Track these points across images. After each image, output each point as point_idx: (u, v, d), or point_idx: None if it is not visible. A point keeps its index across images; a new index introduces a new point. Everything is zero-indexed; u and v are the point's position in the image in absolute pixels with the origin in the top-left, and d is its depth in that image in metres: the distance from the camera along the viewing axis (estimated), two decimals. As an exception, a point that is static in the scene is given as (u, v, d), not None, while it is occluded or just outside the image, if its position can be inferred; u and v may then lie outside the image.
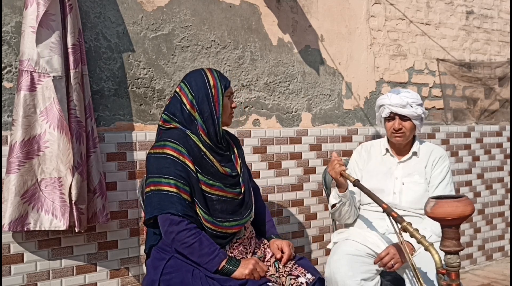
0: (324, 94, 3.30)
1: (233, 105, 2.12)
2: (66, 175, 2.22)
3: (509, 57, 4.34)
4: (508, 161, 4.33)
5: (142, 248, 2.60)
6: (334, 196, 2.45)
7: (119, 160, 2.55)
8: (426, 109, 3.81)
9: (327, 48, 3.29)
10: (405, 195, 2.49)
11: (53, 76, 2.18)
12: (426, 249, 1.82)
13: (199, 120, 2.01)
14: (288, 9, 3.13)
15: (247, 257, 2.02)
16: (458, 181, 3.97)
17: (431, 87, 3.87)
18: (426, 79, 3.83)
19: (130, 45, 2.59)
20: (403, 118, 2.48)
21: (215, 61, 2.86)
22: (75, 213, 2.24)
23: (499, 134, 4.27)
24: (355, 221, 2.58)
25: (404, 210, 2.46)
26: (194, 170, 1.94)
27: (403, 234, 2.00)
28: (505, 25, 4.33)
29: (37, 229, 2.22)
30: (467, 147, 4.06)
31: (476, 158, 4.11)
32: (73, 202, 2.22)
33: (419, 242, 1.86)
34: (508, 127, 4.32)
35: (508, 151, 4.33)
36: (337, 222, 2.67)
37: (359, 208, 2.60)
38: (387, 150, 2.62)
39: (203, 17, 2.81)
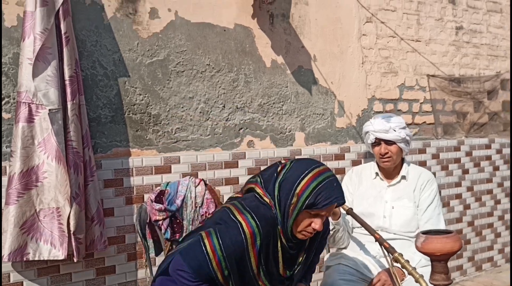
0: (317, 114, 3.36)
1: (314, 225, 1.73)
2: (65, 205, 2.26)
3: (497, 70, 4.42)
4: (497, 172, 4.41)
5: (140, 272, 2.64)
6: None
7: (116, 186, 2.59)
8: (417, 124, 3.89)
9: (319, 68, 3.35)
10: (395, 218, 2.55)
11: (49, 109, 2.21)
12: (417, 281, 1.88)
13: (279, 217, 1.76)
14: (282, 31, 3.18)
15: None
16: (448, 194, 4.05)
17: (422, 102, 3.94)
18: (416, 95, 3.90)
19: (126, 72, 2.63)
20: (388, 142, 2.54)
21: (209, 84, 2.90)
22: (73, 244, 2.28)
23: (488, 147, 4.35)
24: (347, 243, 2.64)
25: (394, 234, 2.52)
26: (256, 268, 1.73)
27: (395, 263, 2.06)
28: (493, 39, 4.40)
29: (36, 259, 2.26)
30: (457, 160, 4.13)
31: (466, 171, 4.19)
32: (72, 232, 2.27)
33: (409, 273, 1.93)
34: (496, 140, 4.41)
35: (497, 163, 4.41)
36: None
37: (352, 231, 2.67)
38: (376, 174, 2.68)
39: (198, 42, 2.85)
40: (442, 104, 4.07)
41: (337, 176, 2.84)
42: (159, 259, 2.23)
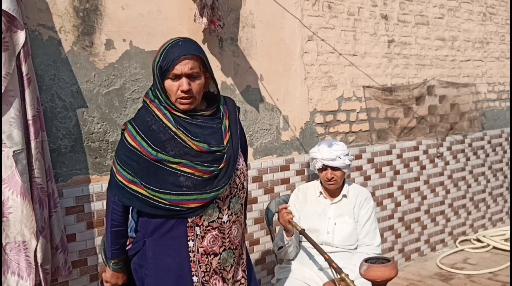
0: (264, 129, 3.59)
1: (181, 88, 1.83)
2: (31, 239, 2.35)
3: (424, 78, 4.84)
4: (424, 171, 4.88)
5: (102, 291, 2.79)
6: (281, 239, 2.77)
7: (77, 212, 2.70)
8: (354, 132, 4.23)
9: (266, 86, 3.56)
10: (337, 234, 2.86)
11: (13, 151, 2.28)
12: (359, 298, 2.19)
13: (162, 99, 1.92)
14: (230, 54, 3.35)
15: (223, 243, 1.96)
16: (381, 194, 4.45)
17: (358, 112, 4.27)
18: (353, 106, 4.22)
19: (84, 102, 2.72)
20: (334, 168, 2.83)
21: (164, 109, 3.04)
22: (41, 275, 2.39)
23: (416, 148, 4.79)
24: (296, 254, 2.92)
25: (336, 247, 2.83)
26: (154, 153, 1.88)
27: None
28: (421, 50, 4.80)
29: (5, 290, 2.36)
30: (389, 163, 4.53)
31: (397, 172, 4.60)
32: (39, 264, 2.37)
33: (353, 292, 2.23)
34: (423, 141, 4.86)
35: (424, 163, 4.87)
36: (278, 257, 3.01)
37: (299, 244, 2.95)
38: (320, 192, 2.97)
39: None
40: (376, 112, 4.42)
41: (282, 186, 3.10)
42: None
